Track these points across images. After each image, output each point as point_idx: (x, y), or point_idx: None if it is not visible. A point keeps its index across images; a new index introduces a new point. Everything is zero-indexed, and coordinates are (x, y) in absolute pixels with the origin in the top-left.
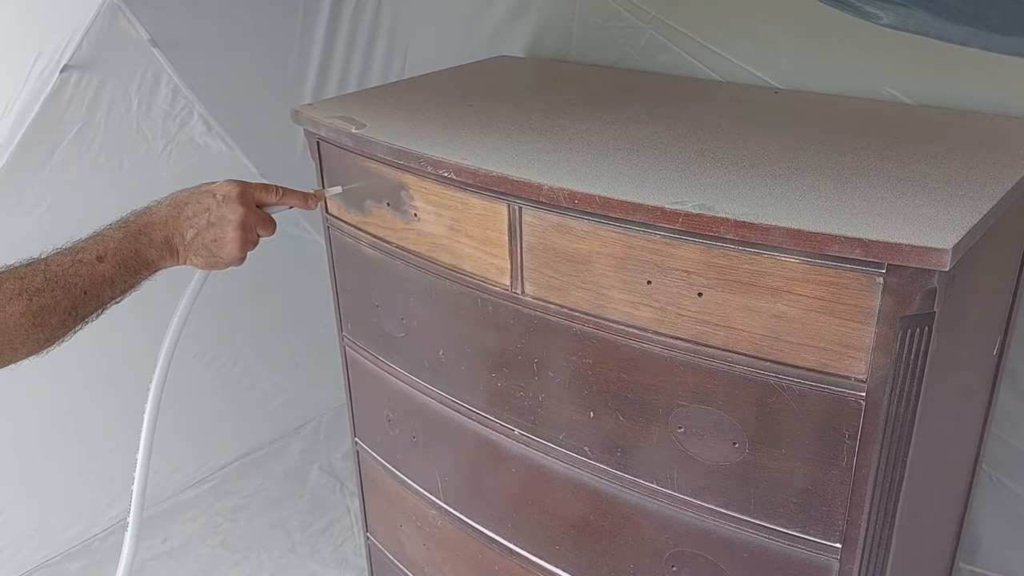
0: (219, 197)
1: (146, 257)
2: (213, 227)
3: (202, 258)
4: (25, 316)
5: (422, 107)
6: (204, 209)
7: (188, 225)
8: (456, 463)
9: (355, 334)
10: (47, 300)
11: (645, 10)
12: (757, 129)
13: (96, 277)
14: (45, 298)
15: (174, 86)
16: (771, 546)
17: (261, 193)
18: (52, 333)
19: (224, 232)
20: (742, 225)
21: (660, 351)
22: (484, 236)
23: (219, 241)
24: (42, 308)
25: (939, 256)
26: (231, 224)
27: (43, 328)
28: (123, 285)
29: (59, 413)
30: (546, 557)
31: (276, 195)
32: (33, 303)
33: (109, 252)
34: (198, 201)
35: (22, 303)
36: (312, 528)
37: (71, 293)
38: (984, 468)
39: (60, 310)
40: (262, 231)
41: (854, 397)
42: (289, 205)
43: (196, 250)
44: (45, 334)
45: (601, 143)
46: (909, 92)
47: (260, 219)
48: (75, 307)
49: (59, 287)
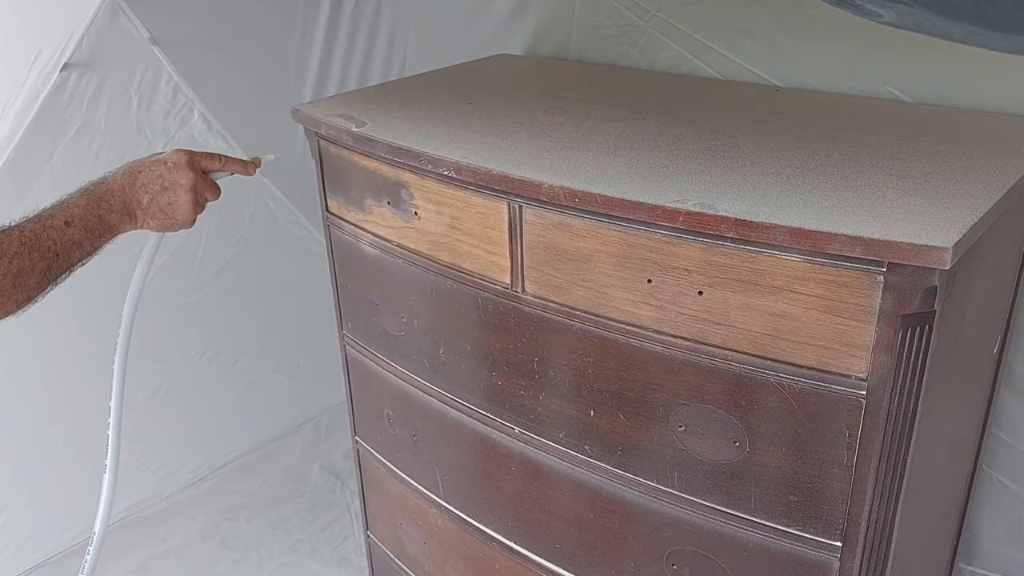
0: (170, 164)
1: (108, 221)
2: (166, 192)
3: (158, 220)
4: (6, 278)
5: (422, 105)
6: (157, 176)
7: (143, 191)
8: (456, 462)
9: (355, 333)
10: (24, 263)
11: (645, 8)
12: (758, 127)
13: (66, 240)
14: (23, 260)
15: (174, 84)
16: (771, 544)
17: (206, 160)
18: (29, 293)
19: (177, 196)
20: (743, 223)
21: (660, 350)
22: (484, 235)
23: (173, 204)
24: (20, 270)
25: (940, 254)
26: (183, 188)
27: (22, 288)
28: (89, 247)
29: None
30: (546, 556)
31: (220, 162)
32: (12, 265)
33: (75, 217)
34: (151, 169)
35: (2, 266)
36: (312, 527)
37: (45, 256)
38: (984, 468)
39: (36, 271)
40: (209, 195)
41: (855, 396)
42: (231, 171)
43: (152, 213)
44: (23, 294)
45: (601, 141)
46: (910, 90)
47: (207, 184)
48: (49, 268)
49: (34, 250)
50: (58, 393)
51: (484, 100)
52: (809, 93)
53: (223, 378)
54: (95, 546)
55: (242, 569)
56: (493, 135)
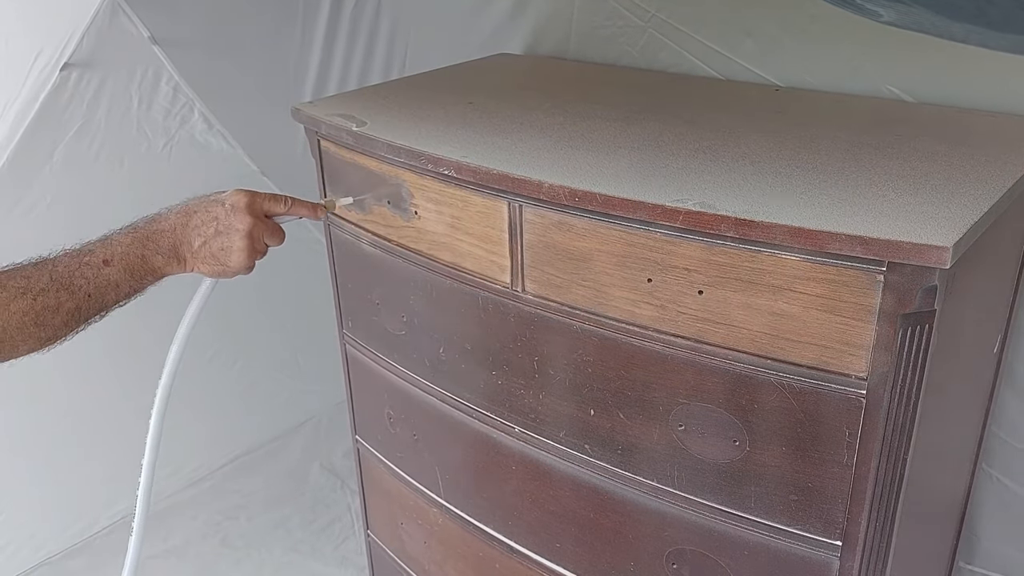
0: (228, 206)
1: (152, 263)
2: (221, 236)
3: (209, 266)
4: (28, 315)
5: (422, 105)
6: (212, 218)
7: (196, 233)
8: (457, 461)
9: (356, 332)
10: (51, 300)
11: (645, 8)
12: (758, 127)
13: (101, 281)
14: (49, 298)
15: (174, 84)
16: (771, 543)
17: (270, 203)
18: (54, 332)
19: (232, 241)
20: (743, 223)
21: (660, 349)
22: (484, 234)
23: (226, 250)
24: (45, 308)
25: (940, 254)
26: (239, 233)
27: (44, 327)
28: (128, 289)
29: (60, 411)
30: (547, 555)
31: (285, 205)
32: (37, 303)
33: (116, 256)
34: (207, 210)
35: (26, 302)
36: (313, 526)
37: (75, 295)
38: (984, 467)
39: (63, 311)
40: (270, 241)
41: (854, 395)
42: (298, 215)
43: (203, 258)
44: (47, 333)
45: (601, 141)
46: (910, 89)
47: (268, 229)
48: (78, 308)
49: (64, 288)
50: (59, 393)
51: (484, 100)
52: (809, 92)
53: (223, 378)
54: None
55: (242, 569)
56: (493, 135)
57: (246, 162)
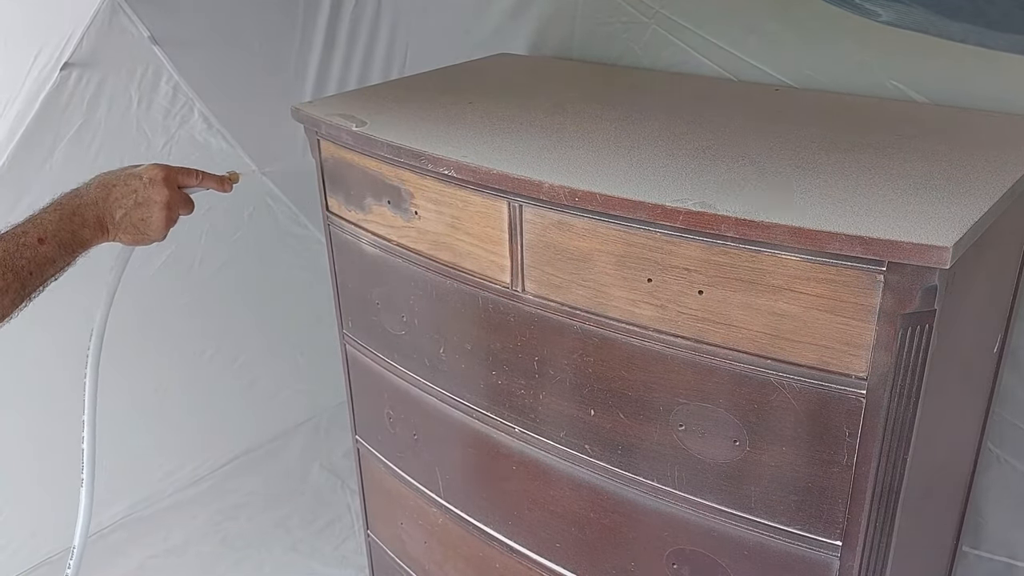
0: (145, 180)
1: (81, 236)
2: (140, 207)
3: (130, 235)
4: None
5: (423, 105)
6: (132, 191)
7: (117, 205)
8: (457, 461)
9: (355, 332)
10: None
11: (648, 5)
12: (758, 126)
13: (40, 258)
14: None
15: (174, 83)
16: (772, 543)
17: (183, 176)
18: (3, 312)
19: (151, 212)
20: (743, 223)
21: (661, 349)
22: (484, 234)
23: (146, 220)
24: None
25: (940, 254)
26: (157, 205)
27: None
28: (62, 263)
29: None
30: (547, 555)
31: (197, 178)
32: None
33: (48, 234)
34: (126, 183)
35: None
36: (313, 526)
37: (20, 275)
38: (990, 448)
39: (11, 291)
40: (183, 211)
41: (855, 395)
42: (208, 187)
43: (125, 228)
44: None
45: (602, 140)
46: (912, 89)
47: (182, 200)
48: (23, 287)
49: (8, 270)
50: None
51: (485, 99)
52: (810, 91)
53: (223, 377)
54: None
55: (242, 568)
56: (493, 134)
57: (246, 162)
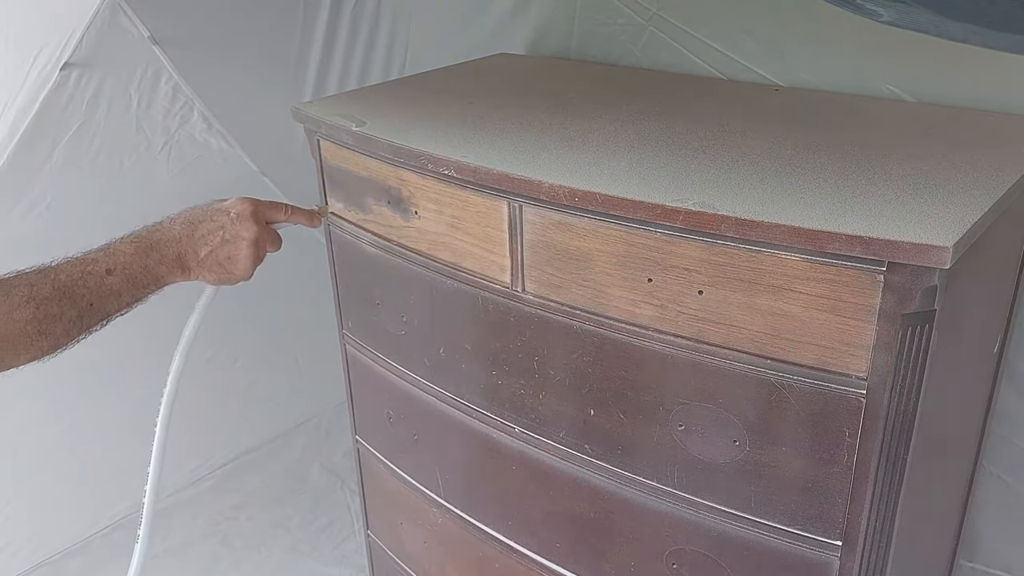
0: (233, 215)
1: (156, 273)
2: (227, 244)
3: (215, 274)
4: (31, 324)
5: (422, 105)
6: (219, 227)
7: (203, 243)
8: (456, 461)
9: (356, 332)
10: (54, 309)
11: (646, 7)
12: (758, 126)
13: (104, 290)
14: (52, 307)
15: (174, 84)
16: (772, 544)
17: (271, 211)
18: (56, 341)
19: (238, 250)
20: (743, 223)
21: (661, 349)
22: (484, 234)
23: (233, 259)
24: (48, 316)
25: (940, 254)
26: (245, 242)
27: (47, 336)
28: (130, 299)
29: (59, 411)
30: (547, 555)
31: (285, 213)
32: (40, 311)
33: (119, 266)
34: (212, 219)
35: (29, 310)
36: (313, 526)
37: (78, 304)
38: (985, 465)
39: (65, 320)
40: (270, 247)
41: (855, 395)
42: (296, 223)
43: (209, 267)
44: (49, 342)
45: (602, 140)
46: (911, 89)
47: (270, 236)
48: (80, 318)
49: (66, 297)
50: (58, 393)
51: (484, 99)
52: (810, 92)
53: (223, 377)
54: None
55: (242, 568)
56: (493, 134)
57: (246, 162)
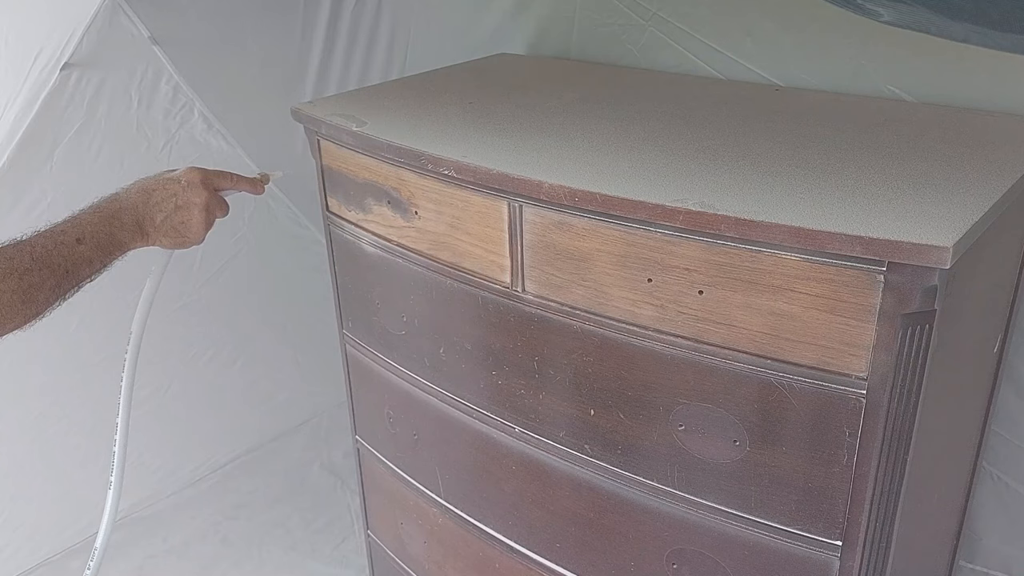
0: (184, 183)
1: (119, 239)
2: (180, 210)
3: (170, 239)
4: (16, 293)
5: (423, 105)
6: (171, 194)
7: (157, 209)
8: (456, 461)
9: (356, 332)
10: (35, 279)
11: (646, 7)
12: (758, 127)
13: (76, 257)
14: (33, 277)
15: (174, 84)
16: (772, 543)
17: (219, 179)
18: (37, 309)
19: (191, 215)
20: (743, 223)
21: (661, 349)
22: (485, 234)
23: (186, 223)
24: (31, 286)
25: (940, 254)
26: (197, 207)
27: (31, 304)
28: (99, 264)
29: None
30: (546, 554)
31: (231, 181)
32: (23, 282)
33: (87, 234)
34: (164, 187)
35: (13, 281)
36: (313, 526)
37: (55, 272)
38: (985, 466)
39: (46, 288)
40: (219, 213)
41: (855, 395)
42: (242, 189)
43: (165, 232)
44: (32, 310)
45: (601, 140)
46: (910, 89)
47: (218, 202)
48: (58, 285)
49: (45, 267)
50: (58, 393)
51: (484, 99)
52: (810, 92)
53: (223, 377)
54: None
55: (242, 568)
56: (493, 134)
57: (246, 162)
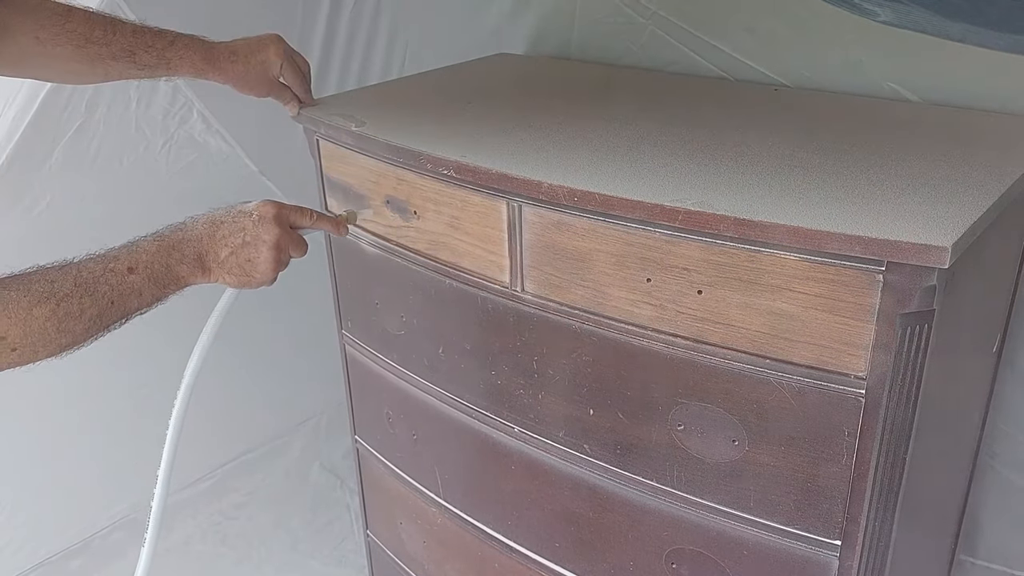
0: (256, 217)
1: (177, 272)
2: (248, 247)
3: (235, 277)
4: (50, 321)
5: (422, 105)
6: (240, 229)
7: (223, 244)
8: (456, 461)
9: (355, 332)
10: (74, 307)
11: (646, 6)
12: (757, 126)
13: (125, 288)
14: (72, 304)
15: (174, 84)
16: (771, 543)
17: (296, 216)
18: (74, 339)
19: (259, 252)
20: (742, 223)
21: (660, 349)
22: (484, 234)
23: (253, 261)
24: (68, 314)
25: (939, 254)
26: (266, 245)
27: (66, 334)
28: (150, 297)
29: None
30: (546, 554)
31: (310, 219)
32: (60, 308)
33: (141, 264)
34: (235, 221)
35: (49, 307)
36: (312, 526)
37: (98, 302)
38: (985, 460)
39: (85, 317)
40: (294, 252)
41: (854, 394)
42: (321, 229)
43: (229, 268)
44: (67, 339)
45: (601, 140)
46: (911, 89)
47: (293, 241)
48: (100, 315)
49: (87, 294)
50: (58, 393)
51: (484, 99)
52: (810, 91)
53: (222, 377)
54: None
55: (242, 568)
56: (493, 134)
57: (245, 162)
